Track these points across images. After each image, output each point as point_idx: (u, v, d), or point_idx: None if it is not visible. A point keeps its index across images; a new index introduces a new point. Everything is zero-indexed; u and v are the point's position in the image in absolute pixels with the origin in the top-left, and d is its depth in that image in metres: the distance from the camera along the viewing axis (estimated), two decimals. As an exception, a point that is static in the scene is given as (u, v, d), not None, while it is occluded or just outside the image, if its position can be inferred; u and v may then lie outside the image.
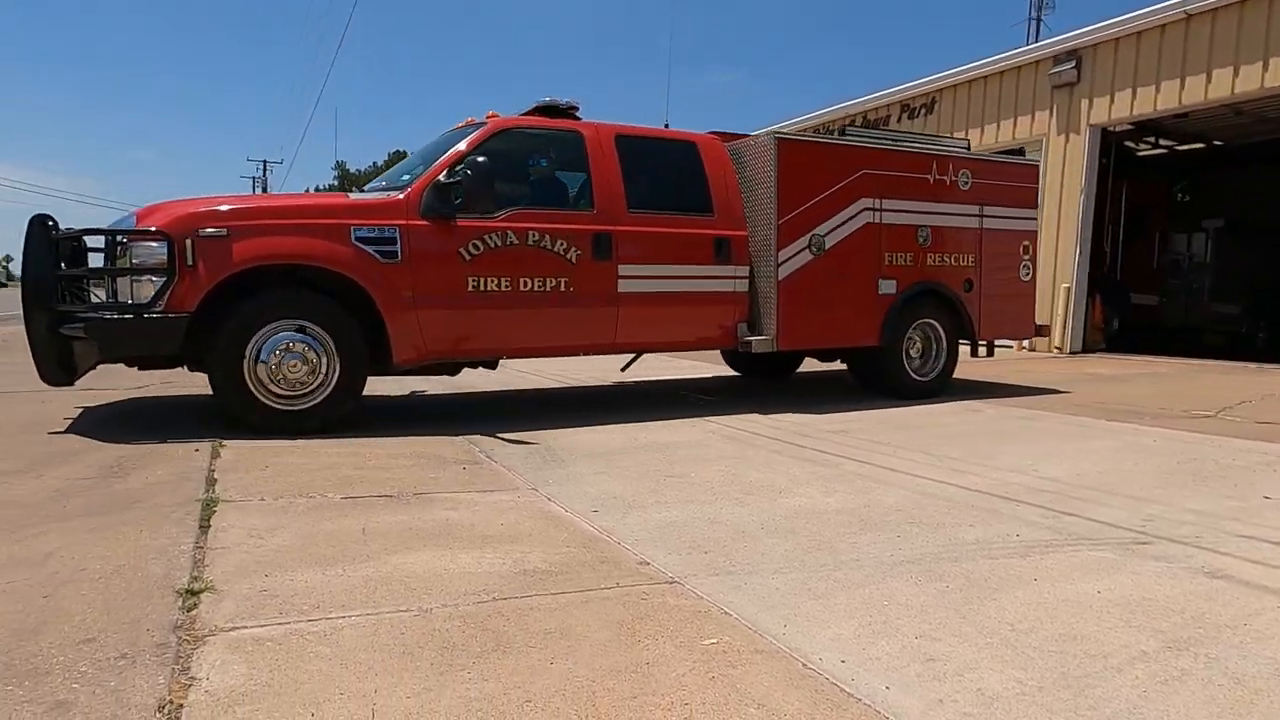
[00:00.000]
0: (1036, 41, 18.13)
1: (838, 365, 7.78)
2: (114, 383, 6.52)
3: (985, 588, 2.54)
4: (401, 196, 5.13)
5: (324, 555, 2.71)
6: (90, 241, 4.97)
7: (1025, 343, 12.93)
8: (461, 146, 5.35)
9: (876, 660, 2.05)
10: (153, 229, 4.54)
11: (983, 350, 7.51)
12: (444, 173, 5.16)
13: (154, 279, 4.52)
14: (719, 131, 6.59)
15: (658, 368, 9.54)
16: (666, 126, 6.48)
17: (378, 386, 7.25)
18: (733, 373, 8.72)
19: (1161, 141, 14.86)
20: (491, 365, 5.91)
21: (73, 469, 3.76)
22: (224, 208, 4.78)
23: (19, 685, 1.80)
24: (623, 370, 7.23)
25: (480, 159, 5.17)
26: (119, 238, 4.70)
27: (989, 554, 2.87)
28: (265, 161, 56.56)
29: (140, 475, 3.67)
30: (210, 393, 4.84)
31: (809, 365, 8.62)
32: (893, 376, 6.84)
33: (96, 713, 1.69)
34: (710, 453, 4.62)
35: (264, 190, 47.50)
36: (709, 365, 9.48)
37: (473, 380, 7.43)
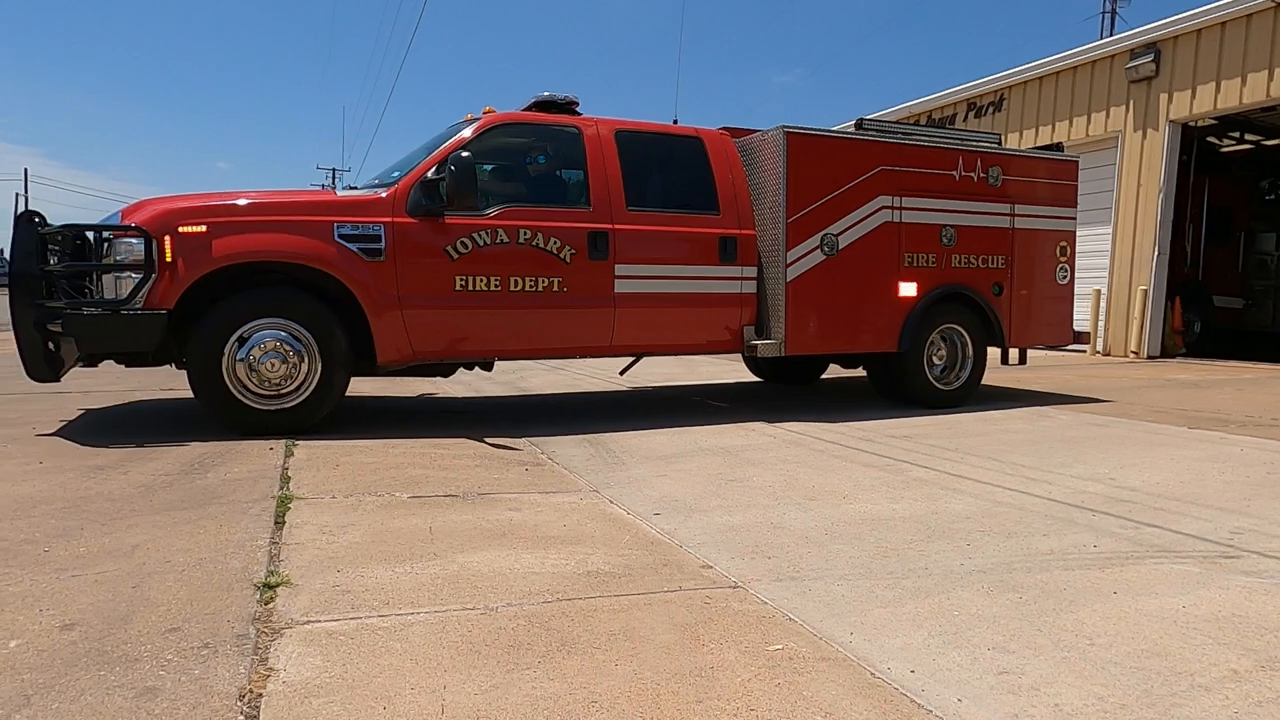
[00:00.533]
0: (1112, 35, 17.50)
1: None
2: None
3: (1061, 599, 2.46)
4: (387, 194, 5.04)
5: (393, 553, 2.77)
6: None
7: (1099, 346, 12.48)
8: (451, 142, 5.24)
9: (947, 671, 2.00)
10: (131, 225, 4.51)
11: (1014, 357, 7.12)
12: (432, 169, 5.06)
13: (133, 275, 4.48)
14: (729, 127, 6.36)
15: (677, 373, 9.51)
16: (675, 122, 6.26)
17: (443, 387, 7.40)
18: (754, 378, 8.56)
19: (1247, 136, 14.19)
20: (487, 367, 5.81)
21: (157, 465, 3.93)
22: (205, 204, 4.74)
23: (111, 670, 1.88)
24: (621, 374, 6.96)
25: (464, 154, 5.01)
26: (104, 234, 4.60)
27: (1065, 565, 2.77)
28: (334, 170, 58.28)
29: (219, 472, 3.81)
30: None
31: (834, 371, 8.49)
32: (913, 384, 6.47)
33: (183, 700, 1.75)
34: (770, 457, 4.58)
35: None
36: (733, 369, 9.40)
37: (530, 383, 7.52)
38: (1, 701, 1.74)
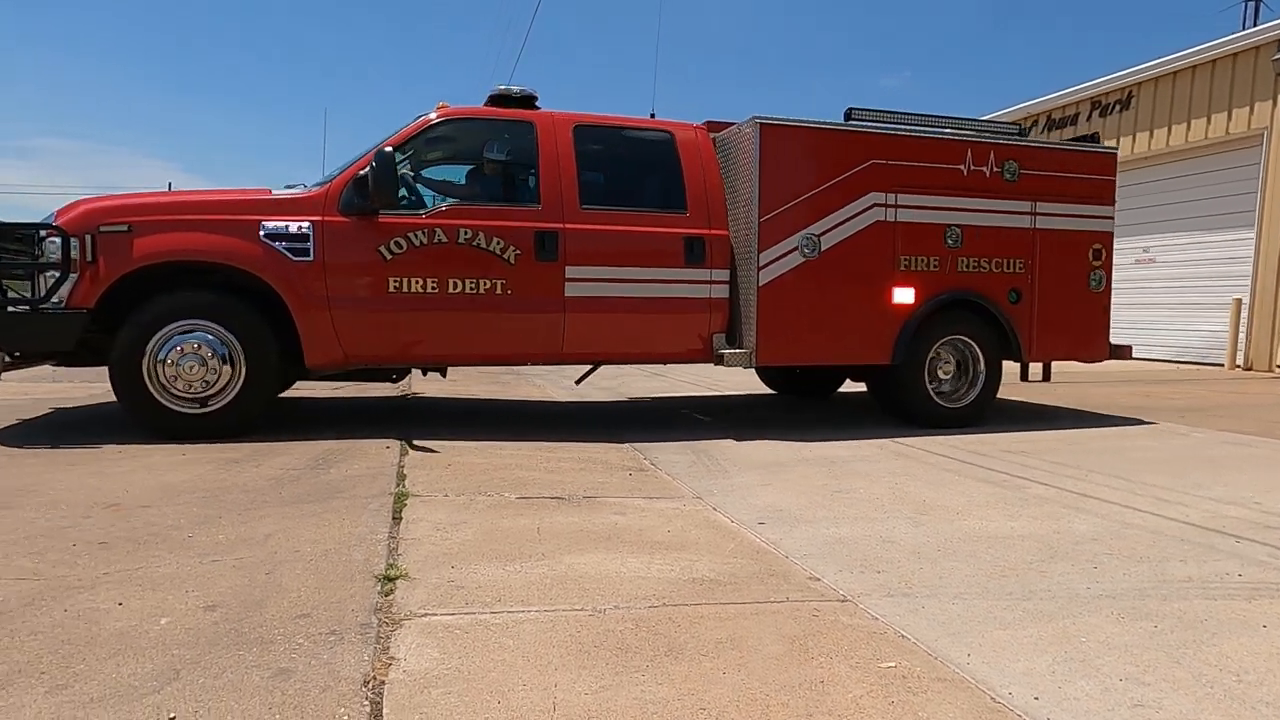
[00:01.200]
0: (1255, 24, 16.26)
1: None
2: (323, 382, 7.19)
3: (1202, 630, 2.29)
4: (319, 191, 4.90)
5: (503, 551, 2.84)
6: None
7: (1239, 360, 11.58)
8: (391, 139, 5.04)
9: (1075, 700, 1.89)
10: (53, 225, 4.52)
11: (1035, 372, 6.41)
12: (367, 167, 4.86)
13: (56, 274, 4.48)
14: (713, 121, 5.94)
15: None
16: (652, 116, 5.87)
17: (546, 391, 7.56)
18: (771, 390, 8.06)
19: None
20: (441, 372, 5.65)
21: (285, 460, 4.17)
22: (129, 204, 4.69)
23: (248, 651, 2.01)
24: (577, 383, 6.54)
25: (386, 149, 4.80)
26: (34, 234, 4.57)
27: (1205, 594, 2.58)
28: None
29: (341, 468, 4.01)
30: (387, 393, 5.22)
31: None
32: (912, 400, 5.89)
33: (313, 683, 1.85)
34: (877, 469, 4.46)
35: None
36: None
37: (633, 388, 7.58)
38: (155, 674, 1.88)
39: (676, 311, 5.45)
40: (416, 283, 4.94)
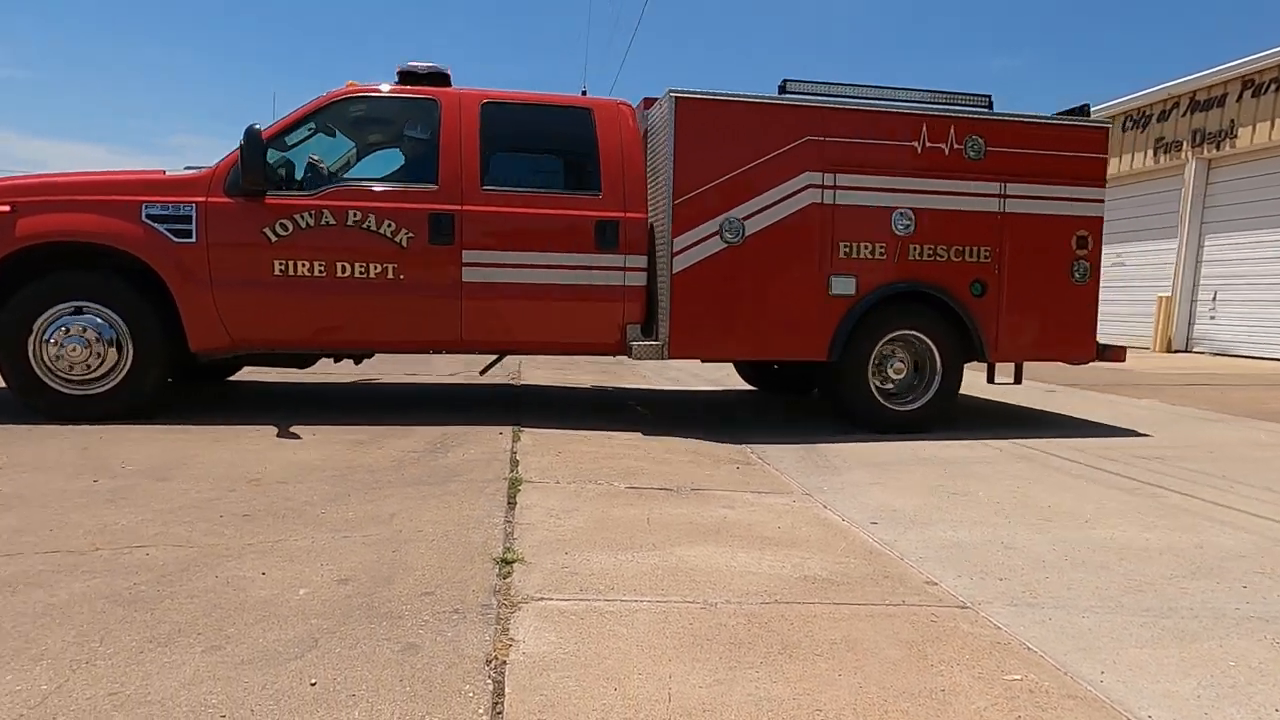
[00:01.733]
0: None
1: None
2: (438, 369, 7.47)
3: (1372, 663, 2.09)
4: (207, 172, 4.82)
5: (614, 540, 2.89)
6: None
7: None
8: (286, 118, 4.93)
9: (1224, 729, 1.77)
10: None
11: (1005, 374, 5.78)
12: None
13: None
14: (650, 98, 5.50)
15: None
16: (584, 94, 5.50)
17: (650, 380, 7.60)
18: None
19: None
20: (355, 359, 5.54)
21: (405, 443, 4.36)
22: (14, 184, 4.69)
23: (379, 624, 2.12)
24: (481, 374, 6.17)
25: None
26: None
27: (1375, 622, 2.36)
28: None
29: (457, 453, 4.17)
30: (497, 381, 5.35)
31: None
32: (854, 401, 5.34)
33: (439, 659, 1.94)
34: (997, 471, 4.28)
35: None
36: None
37: (738, 379, 7.53)
38: (296, 640, 2.01)
39: (586, 299, 5.13)
40: (303, 266, 4.81)
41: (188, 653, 1.93)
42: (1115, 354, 5.78)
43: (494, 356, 5.63)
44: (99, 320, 4.64)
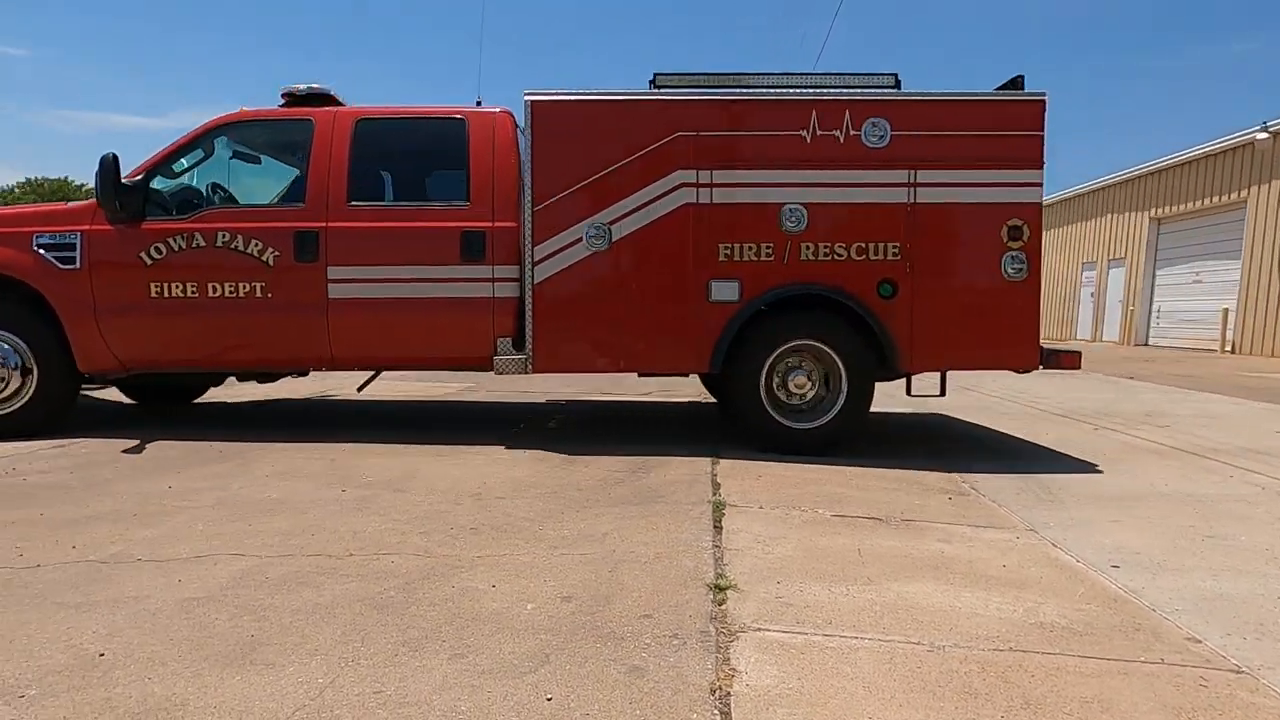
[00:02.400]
0: None
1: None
2: (631, 389, 7.69)
3: None
4: (92, 202, 5.02)
5: (826, 571, 2.82)
6: None
7: None
8: (170, 146, 5.10)
9: None
10: None
11: (924, 383, 5.09)
12: (141, 176, 4.99)
13: None
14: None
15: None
16: (479, 104, 5.28)
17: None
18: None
19: None
20: (262, 379, 5.61)
21: (608, 462, 4.50)
22: None
23: (603, 644, 2.19)
24: (359, 390, 6.03)
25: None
26: None
27: None
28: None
29: (659, 473, 4.25)
30: (690, 398, 5.39)
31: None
32: (746, 417, 4.87)
33: (665, 684, 1.97)
34: (1261, 512, 3.76)
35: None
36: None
37: (950, 403, 7.15)
38: (529, 654, 2.12)
39: (454, 312, 5.02)
40: (177, 287, 5.00)
41: (435, 658, 2.09)
42: (1066, 360, 5.05)
43: (370, 374, 5.68)
44: (5, 346, 5.02)
